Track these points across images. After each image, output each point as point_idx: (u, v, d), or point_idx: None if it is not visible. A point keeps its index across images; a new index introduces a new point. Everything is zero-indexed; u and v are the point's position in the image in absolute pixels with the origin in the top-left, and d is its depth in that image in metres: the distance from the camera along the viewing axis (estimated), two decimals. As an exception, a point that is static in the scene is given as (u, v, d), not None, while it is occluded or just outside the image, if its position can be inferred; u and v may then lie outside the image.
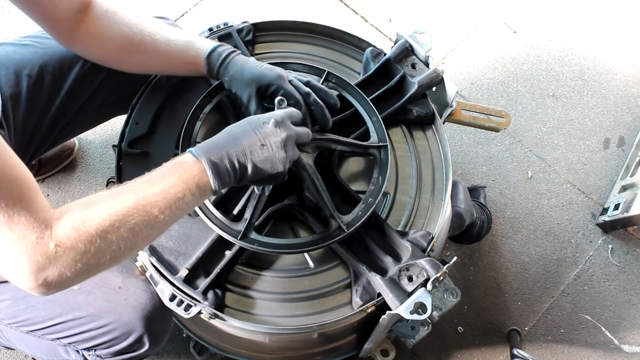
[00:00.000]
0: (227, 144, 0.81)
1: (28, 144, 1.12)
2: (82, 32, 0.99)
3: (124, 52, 1.02)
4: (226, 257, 1.00)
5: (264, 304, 1.00)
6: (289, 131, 0.85)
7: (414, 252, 0.99)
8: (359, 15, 1.98)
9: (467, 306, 1.57)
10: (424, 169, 1.14)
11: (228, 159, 0.80)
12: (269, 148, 0.82)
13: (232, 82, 1.00)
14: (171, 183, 0.75)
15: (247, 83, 0.98)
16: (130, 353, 1.01)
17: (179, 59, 1.03)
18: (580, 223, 1.70)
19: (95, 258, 0.69)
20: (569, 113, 1.86)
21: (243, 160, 0.81)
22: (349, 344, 1.20)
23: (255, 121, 0.84)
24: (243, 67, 1.00)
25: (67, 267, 0.67)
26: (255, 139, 0.82)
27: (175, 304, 0.95)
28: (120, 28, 0.99)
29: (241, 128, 0.83)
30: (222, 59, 1.01)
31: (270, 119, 0.84)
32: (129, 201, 0.71)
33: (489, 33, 1.98)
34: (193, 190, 0.76)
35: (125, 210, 0.70)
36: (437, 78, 1.15)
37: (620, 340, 1.56)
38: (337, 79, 1.12)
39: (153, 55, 1.03)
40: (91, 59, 1.08)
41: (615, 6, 2.05)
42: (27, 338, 1.04)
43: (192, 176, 0.77)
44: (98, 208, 0.70)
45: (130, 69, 1.07)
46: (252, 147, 0.81)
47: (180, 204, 0.75)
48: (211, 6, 1.94)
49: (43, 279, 0.66)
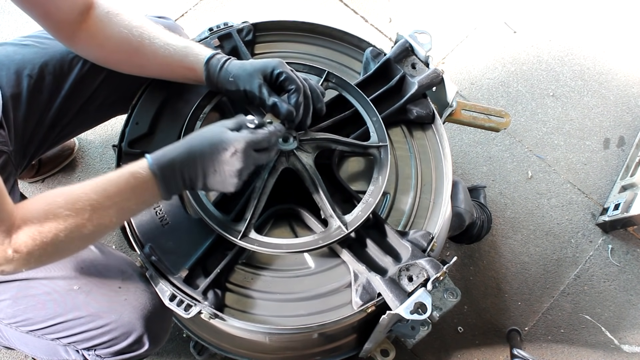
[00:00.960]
0: (183, 163, 0.85)
1: (28, 144, 1.12)
2: (83, 33, 0.99)
3: (122, 53, 1.03)
4: (226, 257, 1.00)
5: (264, 304, 1.00)
6: (246, 161, 0.86)
7: (414, 252, 0.99)
8: (359, 15, 1.98)
9: (467, 306, 1.57)
10: (424, 169, 1.14)
11: (181, 176, 0.86)
12: (221, 175, 0.87)
13: (237, 79, 1.00)
14: (125, 196, 0.83)
15: (252, 75, 0.99)
16: (130, 353, 1.01)
17: (177, 63, 1.03)
18: (580, 223, 1.70)
19: (48, 260, 0.82)
20: (569, 113, 1.86)
21: (194, 180, 0.87)
22: (349, 344, 1.20)
23: (215, 143, 0.86)
24: (244, 64, 1.01)
25: (22, 266, 0.79)
26: (210, 164, 0.86)
27: (175, 304, 0.95)
28: (121, 30, 1.00)
29: (200, 147, 0.86)
30: (221, 63, 1.02)
31: (230, 146, 0.85)
32: (85, 214, 0.79)
33: (489, 33, 1.98)
34: (145, 199, 0.86)
35: (81, 223, 0.79)
36: (437, 78, 1.15)
37: (620, 340, 1.56)
38: (337, 79, 1.12)
39: (151, 58, 1.03)
40: (90, 59, 1.08)
41: (615, 6, 2.05)
42: (27, 338, 1.04)
43: (145, 189, 0.84)
44: (55, 222, 0.78)
45: (128, 70, 1.08)
46: (206, 171, 0.86)
47: (132, 212, 0.88)
48: (211, 6, 1.94)
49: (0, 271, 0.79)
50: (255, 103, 1.01)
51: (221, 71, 1.01)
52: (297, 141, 1.01)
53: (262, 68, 0.99)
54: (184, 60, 1.03)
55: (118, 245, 1.58)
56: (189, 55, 1.03)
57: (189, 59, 1.03)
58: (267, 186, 0.99)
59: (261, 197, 0.98)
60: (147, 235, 1.02)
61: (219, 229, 0.96)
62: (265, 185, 0.99)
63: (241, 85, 1.00)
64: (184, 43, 1.04)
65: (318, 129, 1.09)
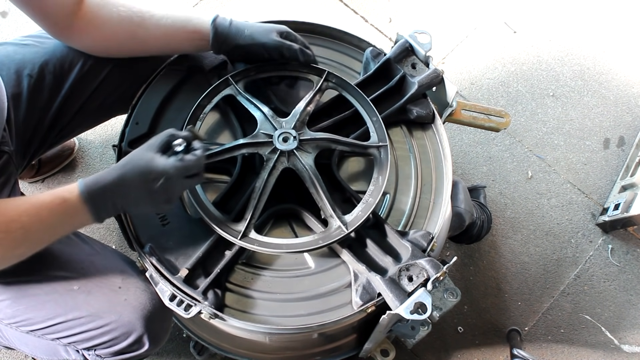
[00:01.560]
0: (114, 192, 0.86)
1: (29, 144, 1.12)
2: (79, 21, 1.00)
3: (124, 33, 1.04)
4: (226, 257, 1.00)
5: (263, 304, 1.00)
6: (175, 189, 0.89)
7: (414, 252, 0.99)
8: (359, 15, 1.98)
9: (467, 306, 1.57)
10: (424, 169, 1.14)
11: (112, 203, 0.87)
12: (152, 202, 0.88)
13: (254, 34, 1.07)
14: (57, 220, 0.85)
15: (269, 30, 1.08)
16: (130, 353, 1.01)
17: (181, 30, 1.06)
18: (580, 223, 1.70)
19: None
20: (569, 113, 1.86)
21: (125, 206, 0.89)
22: (349, 344, 1.20)
23: (145, 173, 0.86)
24: (253, 24, 1.09)
25: None
26: (140, 193, 0.87)
27: (175, 304, 0.95)
28: (118, 9, 1.01)
29: (131, 176, 0.86)
30: (228, 21, 1.07)
31: (160, 176, 0.85)
32: (18, 237, 0.82)
33: (489, 33, 1.98)
34: (75, 223, 0.87)
35: (14, 245, 0.82)
36: (437, 78, 1.15)
37: (620, 340, 1.56)
38: (337, 79, 1.12)
39: (154, 31, 1.04)
40: (89, 49, 1.08)
41: (615, 6, 2.05)
42: (27, 338, 1.04)
43: (75, 214, 0.85)
44: None
45: (130, 51, 1.09)
46: (137, 199, 0.87)
47: (63, 234, 0.89)
48: (211, 6, 1.94)
49: None
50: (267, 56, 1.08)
51: (231, 26, 1.06)
52: (297, 141, 1.01)
53: (276, 27, 1.09)
54: (187, 26, 1.06)
55: (118, 245, 1.58)
56: (191, 19, 1.06)
57: (193, 23, 1.06)
58: (267, 186, 0.99)
59: (261, 197, 0.98)
60: (147, 235, 1.02)
61: (219, 229, 0.96)
62: (265, 185, 0.99)
63: (259, 38, 1.07)
64: (183, 11, 1.07)
65: (318, 129, 1.09)
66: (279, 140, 1.01)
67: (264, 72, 1.12)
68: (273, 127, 1.03)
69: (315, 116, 1.12)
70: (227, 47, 1.08)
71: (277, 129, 1.03)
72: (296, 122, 1.04)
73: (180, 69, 1.16)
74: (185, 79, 1.16)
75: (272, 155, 1.00)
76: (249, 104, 1.08)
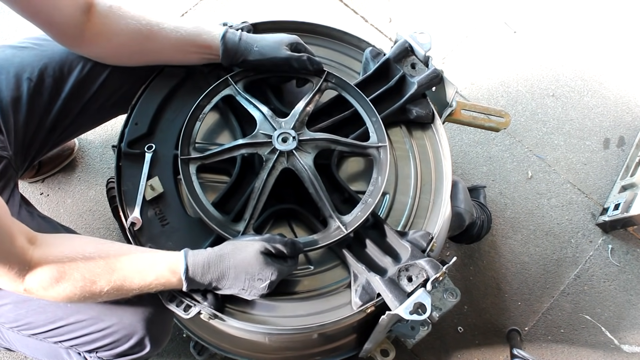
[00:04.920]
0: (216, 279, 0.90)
1: (29, 147, 1.12)
2: (88, 32, 1.00)
3: (133, 44, 1.04)
4: (226, 257, 1.00)
5: (263, 304, 1.00)
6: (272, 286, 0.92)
7: (413, 253, 0.99)
8: (359, 15, 1.98)
9: (467, 306, 1.56)
10: (423, 169, 1.14)
11: (208, 284, 0.91)
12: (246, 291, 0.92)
13: (263, 48, 1.07)
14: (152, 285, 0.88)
15: (279, 44, 1.08)
16: (131, 355, 1.01)
17: (190, 44, 1.06)
18: (580, 223, 1.70)
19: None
20: (569, 113, 1.86)
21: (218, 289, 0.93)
22: (348, 344, 1.20)
23: (253, 273, 0.90)
24: (263, 37, 1.10)
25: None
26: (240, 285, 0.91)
27: (175, 305, 0.95)
28: (127, 21, 1.01)
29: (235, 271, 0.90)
30: (238, 36, 1.07)
31: (266, 280, 0.91)
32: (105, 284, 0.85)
33: (489, 33, 1.98)
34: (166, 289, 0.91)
35: (99, 291, 0.85)
36: (436, 78, 1.15)
37: (620, 340, 1.56)
38: (336, 79, 1.12)
39: (163, 42, 1.05)
40: (99, 58, 1.09)
41: (615, 6, 2.05)
42: (29, 341, 1.04)
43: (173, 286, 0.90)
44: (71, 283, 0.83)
45: (139, 60, 1.09)
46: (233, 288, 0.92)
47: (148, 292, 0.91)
48: (211, 6, 1.94)
49: None
50: (276, 69, 1.09)
51: (240, 42, 1.06)
52: (296, 141, 1.01)
53: (285, 40, 1.09)
54: (197, 40, 1.06)
55: (118, 245, 1.58)
56: (201, 34, 1.06)
57: (203, 37, 1.06)
58: (267, 186, 0.99)
59: (260, 197, 0.98)
60: (147, 235, 1.02)
61: (219, 229, 0.96)
62: (264, 186, 0.99)
63: (268, 54, 1.06)
64: (193, 24, 1.07)
65: (317, 129, 1.09)
66: (278, 141, 1.01)
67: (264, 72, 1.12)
68: (272, 127, 1.03)
69: (315, 116, 1.12)
70: (236, 62, 1.09)
71: (276, 129, 1.03)
72: (295, 123, 1.04)
73: (180, 70, 1.16)
74: (184, 79, 1.16)
75: (271, 155, 1.00)
76: (248, 104, 1.08)
